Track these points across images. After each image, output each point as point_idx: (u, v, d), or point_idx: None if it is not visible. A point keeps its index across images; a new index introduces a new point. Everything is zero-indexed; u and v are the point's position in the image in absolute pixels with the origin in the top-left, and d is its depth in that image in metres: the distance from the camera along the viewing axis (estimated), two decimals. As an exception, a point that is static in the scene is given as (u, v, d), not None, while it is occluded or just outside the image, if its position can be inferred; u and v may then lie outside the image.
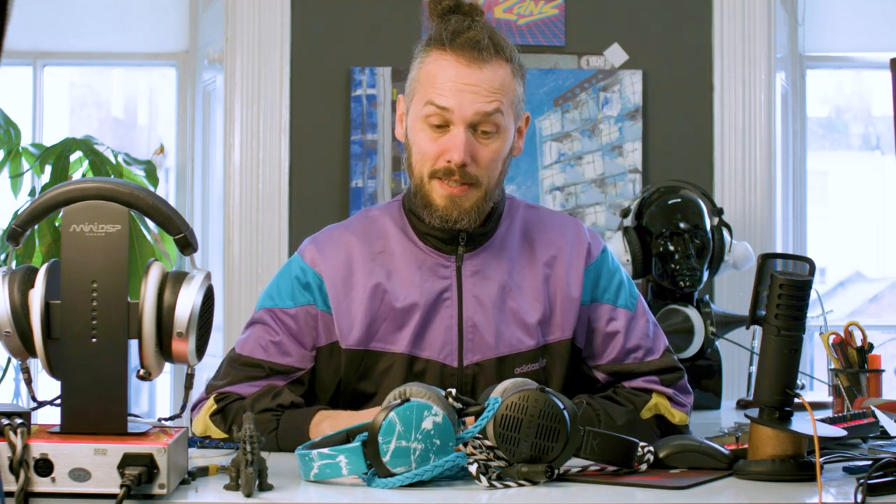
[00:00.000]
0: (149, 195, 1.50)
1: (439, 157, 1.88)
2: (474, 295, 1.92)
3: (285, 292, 1.95)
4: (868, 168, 4.87)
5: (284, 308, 1.94)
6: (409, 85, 1.95)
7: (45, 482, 1.40)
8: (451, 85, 1.86)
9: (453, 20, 1.91)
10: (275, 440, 1.83)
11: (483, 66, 1.87)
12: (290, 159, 3.66)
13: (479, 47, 1.87)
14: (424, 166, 1.90)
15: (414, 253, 1.94)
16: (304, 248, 1.99)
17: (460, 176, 1.87)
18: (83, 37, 4.14)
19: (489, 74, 1.87)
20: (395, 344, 1.90)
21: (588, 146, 3.67)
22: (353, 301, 1.91)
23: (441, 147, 1.88)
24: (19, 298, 1.48)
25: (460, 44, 1.87)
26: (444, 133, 1.88)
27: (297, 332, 1.93)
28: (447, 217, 1.90)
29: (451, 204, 1.89)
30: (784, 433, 1.58)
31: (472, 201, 1.90)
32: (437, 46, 1.90)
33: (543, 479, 1.53)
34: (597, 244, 2.01)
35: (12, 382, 3.88)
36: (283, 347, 1.92)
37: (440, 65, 1.88)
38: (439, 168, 1.88)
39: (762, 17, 3.67)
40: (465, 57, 1.87)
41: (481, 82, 1.87)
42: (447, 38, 1.88)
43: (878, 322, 4.72)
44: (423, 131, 1.89)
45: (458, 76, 1.87)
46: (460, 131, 1.86)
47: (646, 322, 2.00)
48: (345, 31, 3.67)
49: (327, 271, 1.93)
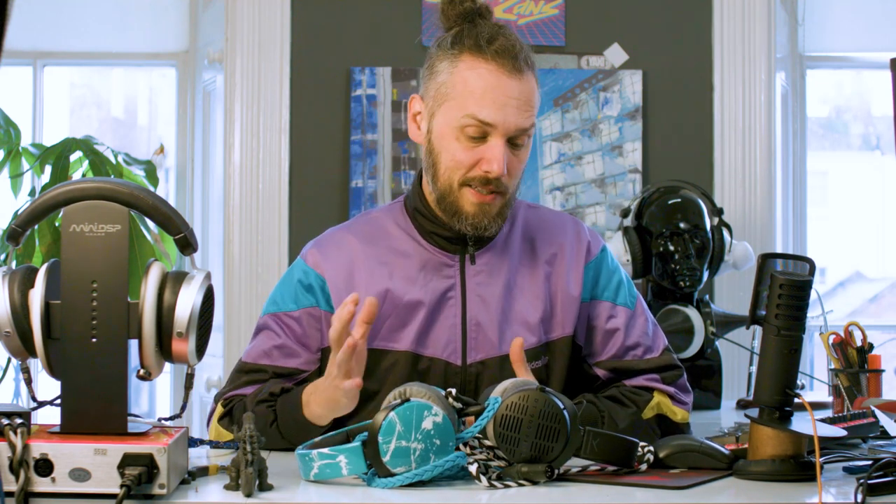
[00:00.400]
0: (149, 195, 1.50)
1: (474, 166, 1.87)
2: (478, 294, 1.93)
3: (288, 296, 1.96)
4: (868, 168, 4.87)
5: (288, 311, 1.94)
6: (436, 88, 1.90)
7: (45, 482, 1.40)
8: (494, 97, 1.84)
9: (482, 25, 1.89)
10: (278, 432, 1.83)
11: (521, 76, 1.86)
12: (290, 159, 3.66)
13: (517, 56, 1.86)
14: (456, 174, 1.89)
15: (418, 252, 1.95)
16: (307, 251, 1.99)
17: (495, 186, 1.88)
18: (83, 37, 4.14)
19: (526, 86, 1.87)
20: (399, 342, 1.90)
21: (588, 146, 3.67)
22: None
23: (477, 156, 1.87)
24: (19, 298, 1.48)
25: (497, 51, 1.85)
26: (480, 143, 1.87)
27: (302, 335, 1.93)
28: (478, 224, 1.90)
29: (481, 211, 1.89)
30: (784, 433, 1.58)
31: (499, 208, 1.90)
32: (471, 52, 1.87)
33: (543, 479, 1.53)
34: (596, 243, 2.02)
35: (12, 382, 3.88)
36: (287, 351, 1.93)
37: (479, 73, 1.86)
38: (474, 177, 1.87)
39: (762, 17, 3.67)
40: (505, 66, 1.85)
41: (521, 95, 1.86)
42: (484, 45, 1.86)
43: (878, 322, 4.72)
44: (459, 140, 1.87)
45: (501, 87, 1.85)
46: (500, 143, 1.85)
47: (645, 321, 2.01)
48: (345, 31, 3.67)
49: (329, 272, 1.94)
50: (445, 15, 1.92)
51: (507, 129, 1.85)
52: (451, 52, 1.89)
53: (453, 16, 1.91)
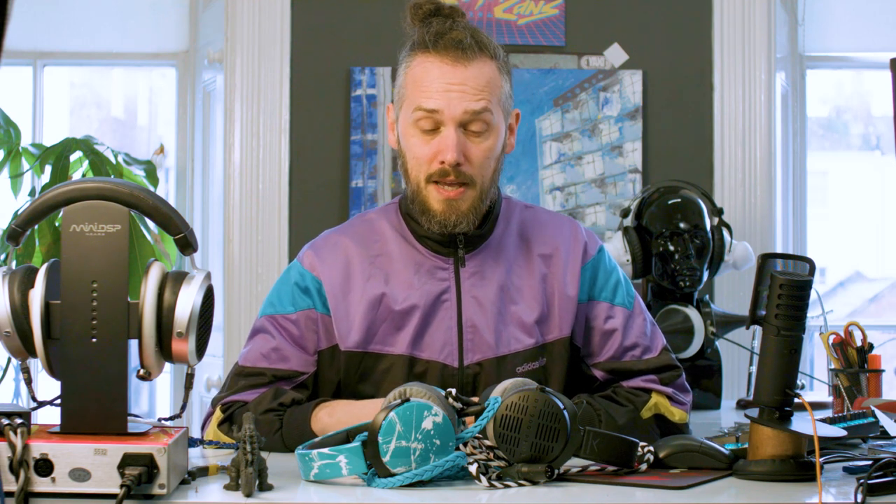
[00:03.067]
0: (149, 195, 1.51)
1: (433, 160, 1.89)
2: (473, 296, 1.93)
3: (286, 298, 1.96)
4: (868, 168, 4.87)
5: (285, 314, 1.94)
6: (396, 92, 1.96)
7: (45, 482, 1.40)
8: (438, 86, 1.87)
9: (434, 23, 1.92)
10: (280, 440, 1.84)
11: (468, 64, 1.88)
12: (290, 159, 3.66)
13: (462, 46, 1.88)
14: (420, 171, 1.91)
15: (412, 255, 1.95)
16: (303, 254, 2.00)
17: (455, 176, 1.88)
18: (83, 37, 4.14)
19: (474, 72, 1.88)
20: (395, 346, 1.90)
21: (588, 146, 3.67)
22: (350, 304, 1.92)
23: (434, 149, 1.89)
24: (19, 298, 1.48)
25: (443, 45, 1.88)
26: (436, 135, 1.89)
27: (299, 336, 1.94)
28: (445, 222, 1.90)
29: (449, 208, 1.90)
30: (784, 433, 1.58)
31: (469, 203, 1.90)
32: (420, 50, 1.91)
33: (543, 479, 1.53)
34: (593, 243, 2.02)
35: (12, 382, 3.88)
36: (284, 353, 1.93)
37: (425, 67, 1.89)
38: (434, 171, 1.89)
39: (762, 17, 3.67)
40: (449, 57, 1.88)
41: (467, 80, 1.87)
42: (430, 41, 1.89)
43: (878, 322, 4.72)
44: (415, 136, 1.90)
45: (444, 76, 1.87)
46: (451, 131, 1.87)
47: (643, 321, 2.01)
48: (345, 31, 3.67)
49: (326, 275, 1.94)
50: (411, 20, 1.95)
51: (454, 114, 1.87)
52: (406, 54, 1.94)
53: (416, 20, 1.95)
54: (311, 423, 1.83)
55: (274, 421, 1.85)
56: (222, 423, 1.90)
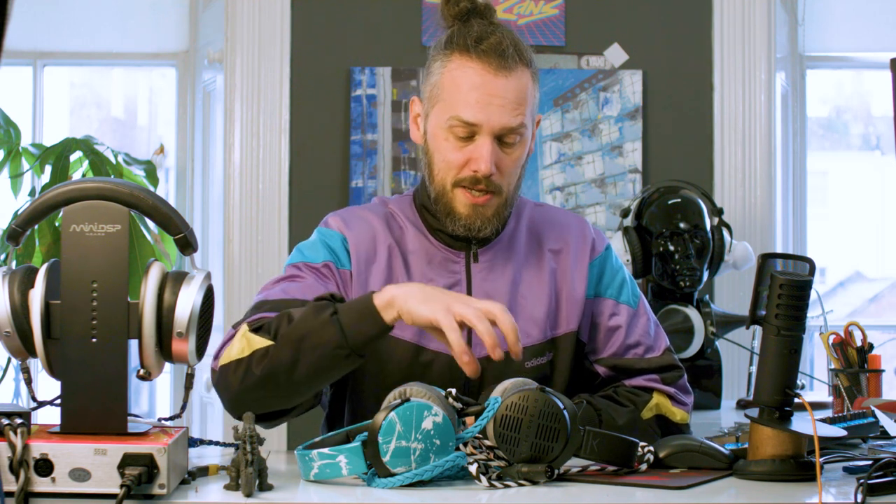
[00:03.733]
0: (149, 195, 1.50)
1: (464, 167, 1.87)
2: (484, 290, 1.93)
3: (310, 252, 1.91)
4: (868, 168, 4.87)
5: (311, 262, 1.90)
6: (429, 89, 1.92)
7: (45, 482, 1.40)
8: (478, 96, 1.85)
9: (475, 24, 1.89)
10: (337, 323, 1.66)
11: (508, 74, 1.85)
12: (290, 159, 3.66)
13: (504, 54, 1.85)
14: (448, 174, 1.89)
15: (425, 247, 1.95)
16: (328, 219, 1.97)
17: (486, 185, 1.88)
18: (83, 37, 4.14)
19: (514, 83, 1.86)
20: (404, 330, 1.89)
21: (588, 146, 3.67)
22: (371, 274, 1.90)
23: (466, 156, 1.87)
24: (19, 298, 1.48)
25: (484, 50, 1.85)
26: (469, 142, 1.87)
27: (325, 278, 1.88)
28: (471, 226, 1.90)
29: (475, 213, 1.89)
30: (784, 433, 1.58)
31: (494, 209, 1.90)
32: (460, 52, 1.87)
33: (543, 479, 1.53)
34: (601, 241, 2.03)
35: (12, 382, 3.88)
36: (313, 290, 1.83)
37: (465, 72, 1.86)
38: (465, 177, 1.88)
39: (762, 17, 3.67)
40: (491, 65, 1.85)
41: (507, 92, 1.85)
42: (472, 44, 1.86)
43: (878, 322, 4.72)
44: (448, 140, 1.88)
45: (484, 86, 1.85)
46: (487, 142, 1.85)
47: (647, 321, 2.01)
48: (345, 31, 3.67)
49: (352, 238, 1.92)
50: (443, 15, 1.93)
51: (492, 127, 1.85)
52: (443, 52, 1.90)
53: (450, 16, 1.92)
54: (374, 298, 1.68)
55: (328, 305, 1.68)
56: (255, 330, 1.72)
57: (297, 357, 1.68)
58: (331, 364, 1.68)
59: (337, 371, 1.71)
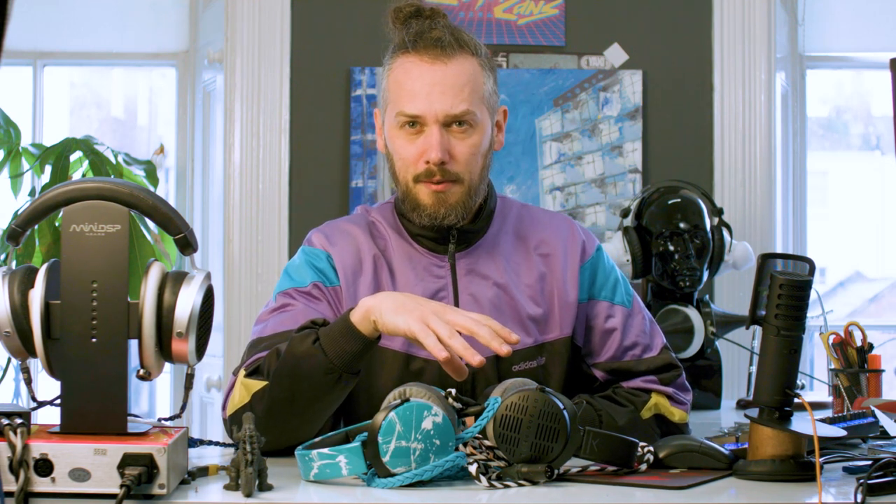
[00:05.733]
0: (149, 195, 1.50)
1: (419, 160, 1.90)
2: (470, 293, 1.93)
3: (297, 276, 1.93)
4: (868, 168, 4.87)
5: (299, 287, 1.92)
6: (381, 97, 1.96)
7: (44, 482, 1.40)
8: (418, 87, 1.87)
9: (414, 24, 1.92)
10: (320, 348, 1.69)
11: (447, 61, 1.88)
12: (290, 159, 3.66)
13: (441, 44, 1.88)
14: (408, 172, 1.91)
15: (408, 254, 1.95)
16: (311, 236, 1.99)
17: (441, 175, 1.89)
18: (83, 37, 4.14)
19: (455, 70, 1.88)
20: (393, 341, 1.89)
21: (588, 146, 3.67)
22: (359, 287, 1.92)
23: (419, 149, 1.89)
24: (19, 298, 1.48)
25: (423, 44, 1.89)
26: (420, 135, 1.89)
27: (315, 301, 1.90)
28: (435, 214, 1.91)
29: (437, 201, 1.90)
30: (784, 433, 1.58)
31: (457, 197, 1.91)
32: (401, 52, 1.91)
33: (543, 479, 1.53)
34: (591, 242, 2.02)
35: (12, 382, 3.88)
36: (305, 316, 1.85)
37: (405, 68, 1.90)
38: (421, 171, 1.90)
39: (762, 17, 3.67)
40: (428, 55, 1.88)
41: (446, 78, 1.87)
42: (409, 41, 1.90)
43: (878, 322, 4.72)
44: (400, 138, 1.91)
45: (423, 76, 1.88)
46: (434, 130, 1.88)
47: (642, 319, 2.01)
48: (345, 31, 3.67)
49: (336, 253, 1.94)
50: (392, 22, 1.95)
51: (436, 115, 1.87)
52: (389, 58, 1.94)
53: (398, 23, 1.95)
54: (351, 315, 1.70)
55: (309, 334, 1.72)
56: (250, 374, 1.78)
57: (292, 391, 1.72)
58: (326, 389, 1.71)
59: (335, 394, 1.74)
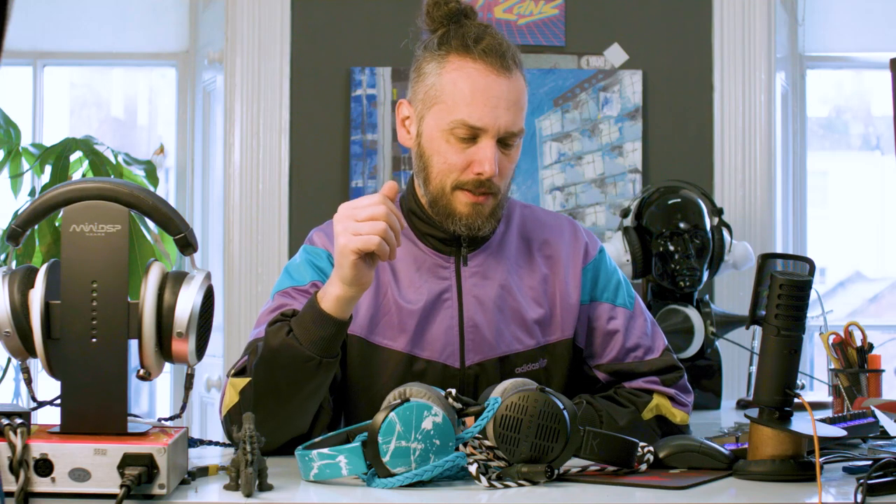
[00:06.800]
0: (149, 195, 1.50)
1: (466, 169, 1.87)
2: (474, 295, 1.92)
3: (297, 274, 1.92)
4: (868, 168, 4.87)
5: (298, 286, 1.91)
6: (425, 91, 1.90)
7: (45, 482, 1.40)
8: (484, 99, 1.84)
9: (468, 25, 1.89)
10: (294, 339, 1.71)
11: (509, 75, 1.86)
12: (290, 159, 3.66)
13: (504, 55, 1.85)
14: (448, 177, 1.88)
15: (413, 253, 1.95)
16: (312, 235, 1.98)
17: (487, 187, 1.87)
18: (83, 37, 4.14)
19: (515, 85, 1.86)
20: (395, 341, 1.89)
21: (588, 146, 3.67)
22: None
23: (469, 158, 1.86)
24: (19, 298, 1.48)
25: (484, 50, 1.85)
26: (471, 144, 1.86)
27: None
28: (472, 225, 1.89)
29: (475, 212, 1.89)
30: (784, 433, 1.58)
31: (491, 208, 1.90)
32: (458, 52, 1.87)
33: (543, 479, 1.53)
34: (594, 244, 2.02)
35: (12, 382, 3.88)
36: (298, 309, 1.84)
37: (467, 73, 1.85)
38: (467, 180, 1.87)
39: (762, 17, 3.67)
40: (493, 66, 1.85)
41: (510, 93, 1.85)
42: (471, 44, 1.85)
43: (878, 322, 4.72)
44: (449, 143, 1.87)
45: (490, 87, 1.84)
46: (490, 144, 1.85)
47: (644, 321, 2.01)
48: (345, 31, 3.67)
49: None
50: (430, 17, 1.92)
51: (498, 131, 1.85)
52: (437, 53, 1.89)
53: (438, 17, 1.91)
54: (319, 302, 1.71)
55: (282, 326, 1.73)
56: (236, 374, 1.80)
57: (274, 383, 1.73)
58: (308, 377, 1.72)
59: (318, 380, 1.73)
